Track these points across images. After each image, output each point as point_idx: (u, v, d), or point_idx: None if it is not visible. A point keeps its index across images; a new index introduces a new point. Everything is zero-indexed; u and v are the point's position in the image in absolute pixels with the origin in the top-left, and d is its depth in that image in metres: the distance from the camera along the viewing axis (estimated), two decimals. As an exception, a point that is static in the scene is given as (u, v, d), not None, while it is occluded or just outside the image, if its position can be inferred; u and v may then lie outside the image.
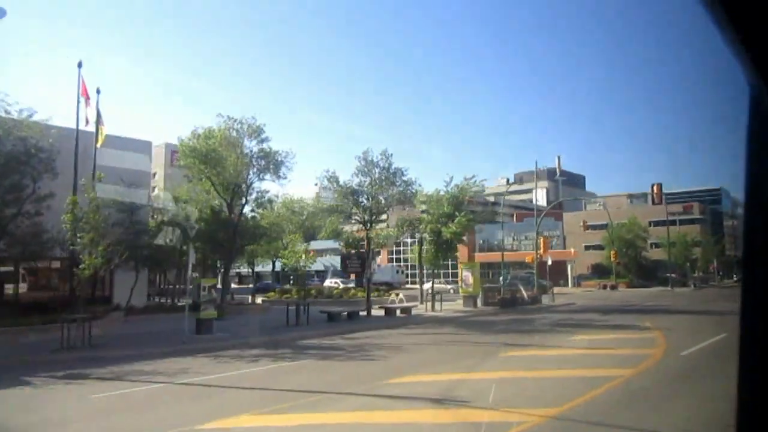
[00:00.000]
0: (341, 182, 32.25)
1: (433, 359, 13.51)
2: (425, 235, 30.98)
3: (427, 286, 51.05)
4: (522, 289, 34.74)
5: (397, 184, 32.08)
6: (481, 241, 77.16)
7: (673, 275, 65.29)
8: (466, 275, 31.87)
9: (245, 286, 68.52)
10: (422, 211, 31.76)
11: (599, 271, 66.83)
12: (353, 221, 33.74)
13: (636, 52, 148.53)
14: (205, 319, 19.28)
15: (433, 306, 29.13)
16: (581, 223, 56.00)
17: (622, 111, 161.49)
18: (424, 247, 30.95)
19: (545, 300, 35.47)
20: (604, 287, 58.03)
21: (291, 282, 66.36)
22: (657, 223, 74.44)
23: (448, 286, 55.21)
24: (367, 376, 11.00)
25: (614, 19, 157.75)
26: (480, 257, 72.83)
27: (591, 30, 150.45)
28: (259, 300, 37.63)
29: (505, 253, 71.86)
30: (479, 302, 31.79)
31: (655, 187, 33.40)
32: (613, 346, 14.61)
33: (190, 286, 20.79)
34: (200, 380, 11.14)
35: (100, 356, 14.86)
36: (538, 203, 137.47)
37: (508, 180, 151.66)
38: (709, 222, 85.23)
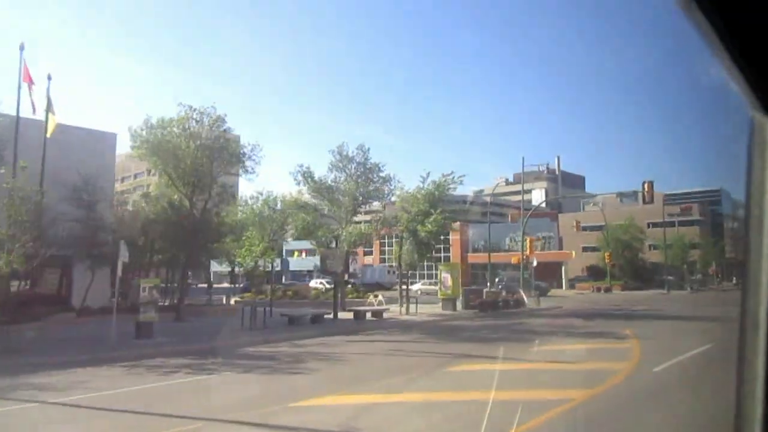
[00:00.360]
0: (317, 178, 30.69)
1: (367, 373, 11.80)
2: (403, 234, 29.26)
3: (416, 287, 49.08)
4: (520, 291, 33.17)
5: (375, 180, 30.46)
6: (483, 241, 74.21)
7: (670, 278, 63.44)
8: (445, 277, 30.10)
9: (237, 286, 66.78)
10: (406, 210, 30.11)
11: (595, 273, 64.92)
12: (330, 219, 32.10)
13: (638, 55, 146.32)
14: (144, 323, 17.64)
15: (407, 309, 27.40)
16: (573, 224, 54.01)
17: (625, 112, 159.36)
18: (404, 247, 29.27)
19: (532, 303, 33.71)
20: (598, 290, 56.13)
21: (283, 281, 64.67)
22: (656, 225, 72.53)
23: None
24: (274, 397, 9.31)
25: (616, 22, 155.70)
26: (474, 258, 71.18)
27: (593, 32, 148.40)
28: (233, 301, 35.95)
29: (500, 253, 70.31)
30: (459, 305, 30.07)
31: (646, 185, 31.51)
32: (579, 359, 12.88)
33: (125, 288, 19.15)
34: (82, 399, 9.46)
35: (6, 365, 13.22)
36: (536, 203, 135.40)
37: (507, 180, 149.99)
38: (709, 224, 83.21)
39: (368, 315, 25.24)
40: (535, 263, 35.74)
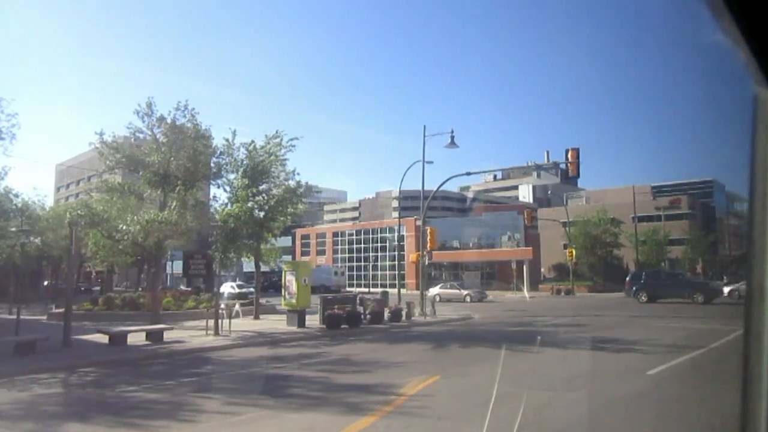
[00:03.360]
0: (127, 150, 22.39)
1: None
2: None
3: (434, 290, 38.91)
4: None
5: (199, 151, 22.13)
6: (478, 239, 63.56)
7: (649, 277, 54.51)
8: (289, 280, 21.60)
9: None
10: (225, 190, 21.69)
11: (562, 272, 55.94)
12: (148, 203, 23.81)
13: (635, 45, 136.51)
14: None
15: (216, 328, 18.84)
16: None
17: (620, 106, 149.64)
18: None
19: (429, 314, 25.13)
20: (558, 292, 47.14)
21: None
22: (642, 219, 63.51)
23: (463, 292, 41.48)
24: None
25: (612, 12, 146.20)
26: (437, 256, 62.41)
27: (586, 23, 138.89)
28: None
29: (451, 251, 61.48)
30: (318, 318, 21.57)
31: (569, 154, 22.65)
32: None
33: None
34: None
35: None
36: (524, 199, 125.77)
37: (495, 176, 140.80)
38: (700, 217, 73.51)
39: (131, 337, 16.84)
40: (426, 261, 27.01)
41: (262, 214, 19.53)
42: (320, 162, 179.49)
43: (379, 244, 64.47)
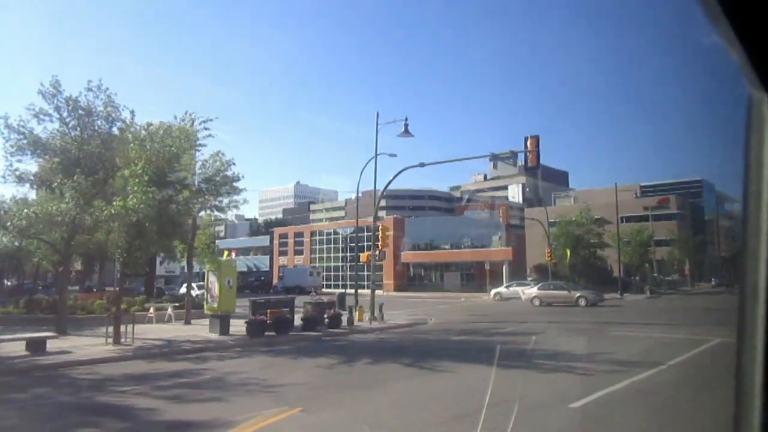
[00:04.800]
0: (35, 133, 19.67)
1: None
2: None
3: (529, 290, 35.08)
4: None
5: (114, 136, 19.54)
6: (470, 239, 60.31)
7: (636, 278, 52.50)
8: (212, 282, 19.13)
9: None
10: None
11: (545, 273, 53.48)
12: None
13: (629, 45, 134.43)
14: None
15: (116, 336, 16.26)
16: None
17: (614, 106, 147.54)
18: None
19: (378, 319, 22.70)
20: (535, 294, 44.61)
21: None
22: (630, 219, 61.24)
23: (574, 293, 33.78)
24: None
25: (606, 13, 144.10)
26: (412, 256, 60.04)
27: (581, 24, 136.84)
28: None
29: (439, 251, 59.00)
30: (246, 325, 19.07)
31: (529, 142, 20.21)
32: None
33: None
34: None
35: None
36: (513, 199, 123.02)
37: (485, 176, 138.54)
38: (689, 217, 71.22)
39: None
40: (380, 260, 24.59)
41: (173, 206, 17.05)
42: (319, 161, 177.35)
43: (356, 244, 62.01)
